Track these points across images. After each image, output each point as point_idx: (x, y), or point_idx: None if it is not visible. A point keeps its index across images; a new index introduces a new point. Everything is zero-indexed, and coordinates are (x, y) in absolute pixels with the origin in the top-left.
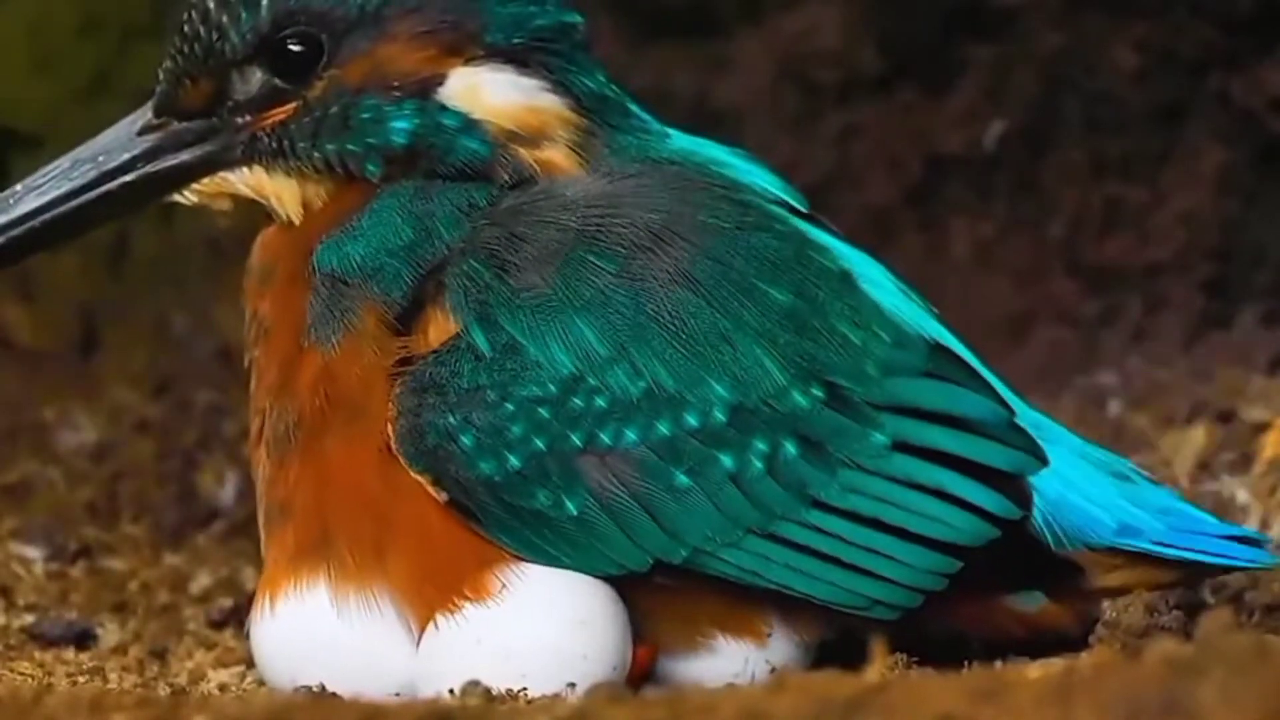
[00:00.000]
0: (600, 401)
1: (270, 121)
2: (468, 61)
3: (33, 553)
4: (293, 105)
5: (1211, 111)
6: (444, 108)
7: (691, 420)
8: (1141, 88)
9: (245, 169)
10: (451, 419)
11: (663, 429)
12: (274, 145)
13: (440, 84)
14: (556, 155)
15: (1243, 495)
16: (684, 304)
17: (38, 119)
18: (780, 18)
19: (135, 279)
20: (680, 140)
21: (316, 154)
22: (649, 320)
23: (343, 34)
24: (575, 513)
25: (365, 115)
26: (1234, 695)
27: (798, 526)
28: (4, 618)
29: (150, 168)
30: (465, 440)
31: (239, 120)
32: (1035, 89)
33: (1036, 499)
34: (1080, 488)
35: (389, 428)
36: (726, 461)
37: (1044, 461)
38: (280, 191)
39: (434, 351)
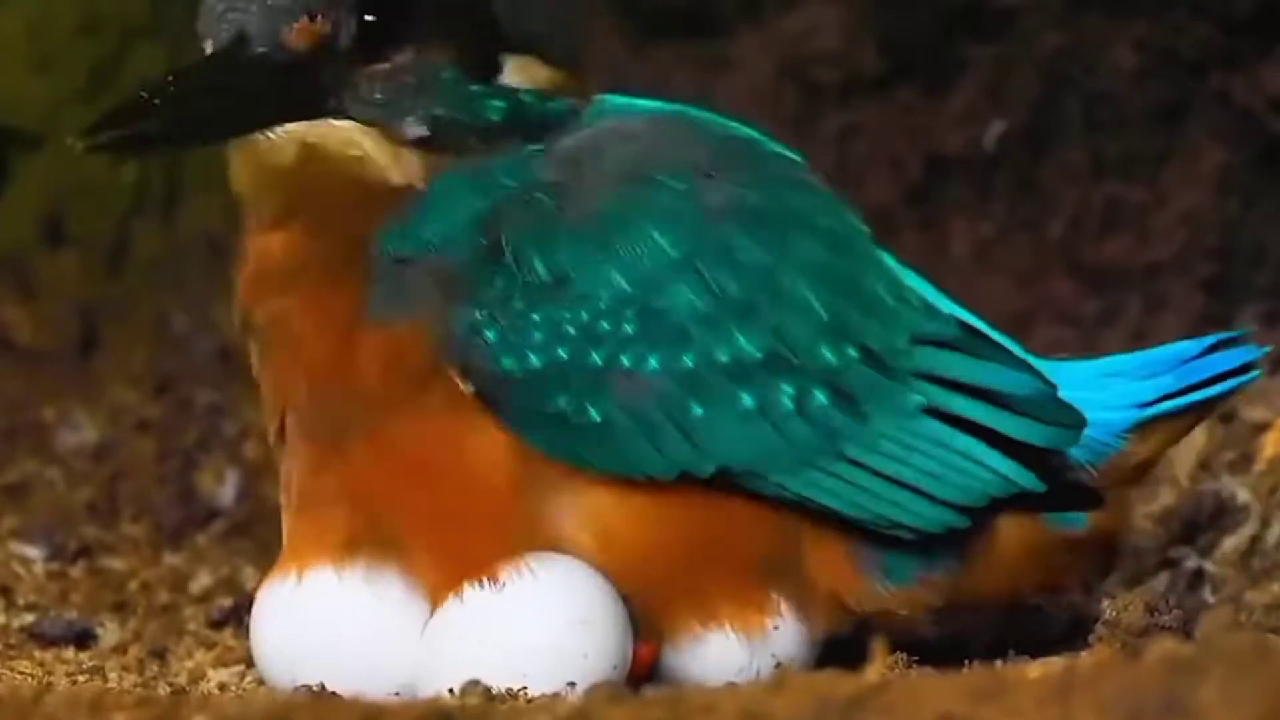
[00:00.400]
0: (629, 328)
1: (366, 75)
2: (506, 53)
3: (33, 552)
4: (384, 66)
5: (1211, 111)
6: (515, 89)
7: (721, 356)
8: (1141, 88)
9: (340, 119)
10: (478, 314)
11: (687, 360)
12: (373, 99)
13: (500, 70)
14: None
15: (1243, 495)
16: (739, 240)
17: (38, 118)
18: (780, 18)
19: (135, 279)
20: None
21: (420, 112)
22: (693, 257)
23: (422, 11)
24: (599, 419)
25: (471, 89)
26: (1234, 695)
27: (829, 459)
28: (4, 617)
29: (268, 96)
30: (489, 334)
31: (338, 68)
32: (1035, 89)
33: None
34: (1092, 399)
35: (422, 323)
36: (753, 397)
37: (1082, 428)
38: (372, 147)
39: (473, 258)
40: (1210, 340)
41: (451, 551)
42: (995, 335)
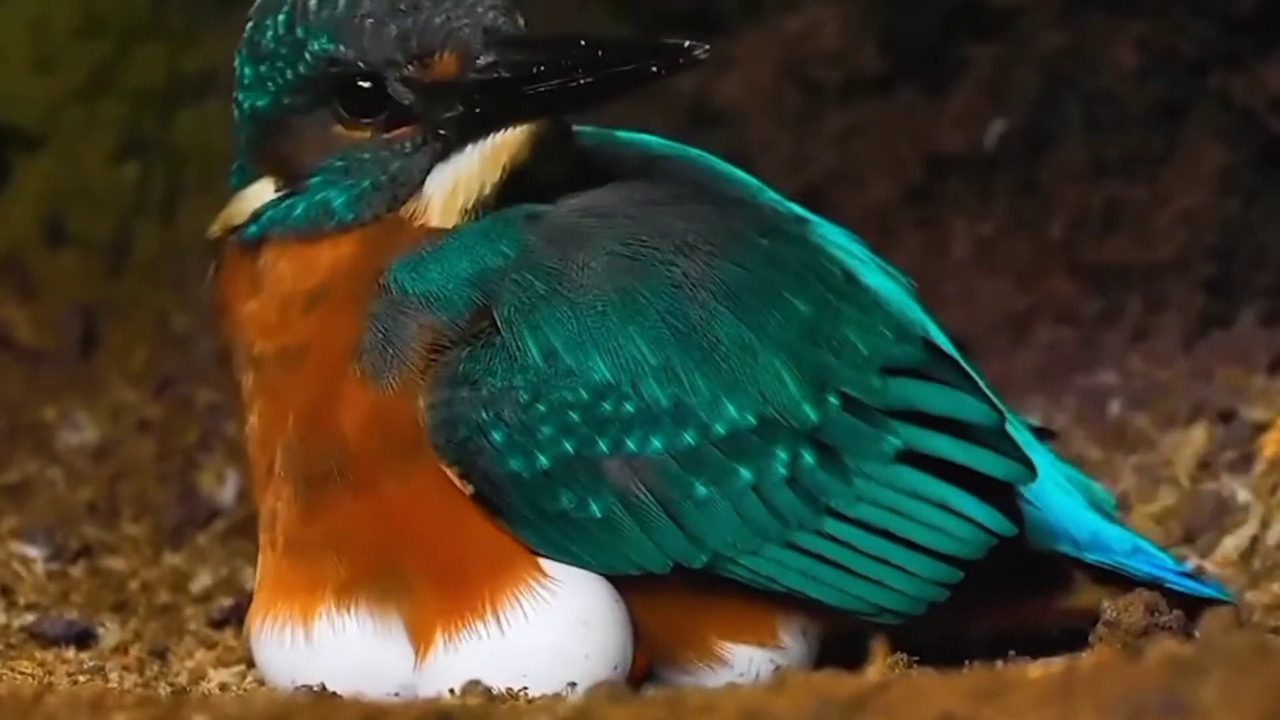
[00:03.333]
0: (629, 408)
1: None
2: None
3: (33, 552)
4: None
5: (1212, 111)
6: None
7: (719, 429)
8: (1141, 87)
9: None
10: (484, 414)
11: (689, 438)
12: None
13: None
14: None
15: (1243, 495)
16: (717, 316)
17: (38, 118)
18: (781, 17)
19: (135, 279)
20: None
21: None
22: (683, 331)
23: None
24: (599, 515)
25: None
26: (1235, 695)
27: (813, 535)
28: (4, 617)
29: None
30: (496, 436)
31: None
32: (1035, 89)
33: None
34: (1055, 497)
35: (420, 416)
36: (749, 471)
37: (1034, 472)
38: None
39: (466, 344)
40: (1190, 569)
41: (446, 601)
42: (955, 354)
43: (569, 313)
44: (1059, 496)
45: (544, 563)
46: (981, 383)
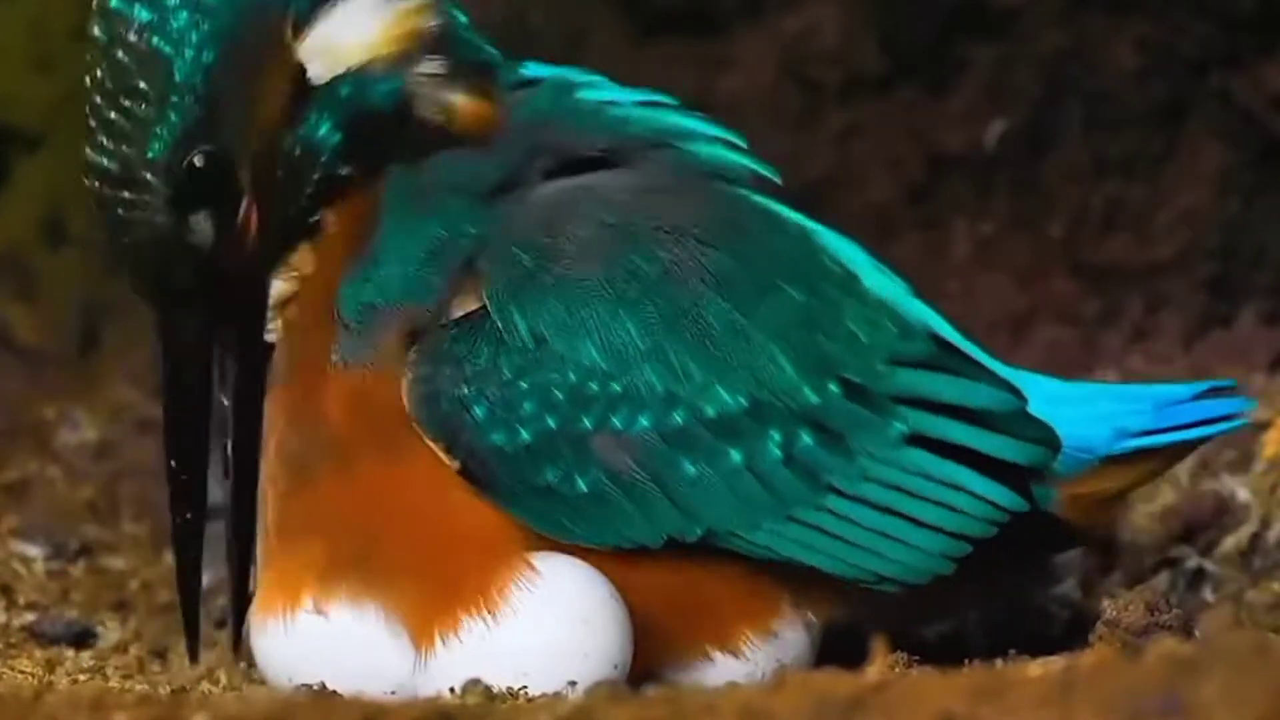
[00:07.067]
0: (617, 388)
1: (249, 238)
2: (298, 40)
3: (33, 551)
4: (253, 214)
5: (1212, 111)
6: (331, 90)
7: (709, 411)
8: (1142, 87)
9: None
10: (466, 390)
11: (677, 418)
12: (270, 253)
13: (304, 74)
14: (463, 102)
15: (1243, 494)
16: (711, 302)
17: (38, 118)
18: (781, 17)
19: None
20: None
21: (306, 218)
22: (676, 316)
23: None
24: (586, 490)
25: (295, 155)
26: (1235, 694)
27: (813, 510)
28: (4, 616)
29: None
30: (478, 411)
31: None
32: (1035, 89)
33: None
34: (1068, 414)
35: (403, 391)
36: (739, 452)
37: (1057, 449)
38: (303, 265)
39: (454, 323)
40: (1202, 386)
41: (432, 590)
42: (965, 344)
43: (555, 290)
44: (1072, 413)
45: (532, 555)
46: (996, 364)
